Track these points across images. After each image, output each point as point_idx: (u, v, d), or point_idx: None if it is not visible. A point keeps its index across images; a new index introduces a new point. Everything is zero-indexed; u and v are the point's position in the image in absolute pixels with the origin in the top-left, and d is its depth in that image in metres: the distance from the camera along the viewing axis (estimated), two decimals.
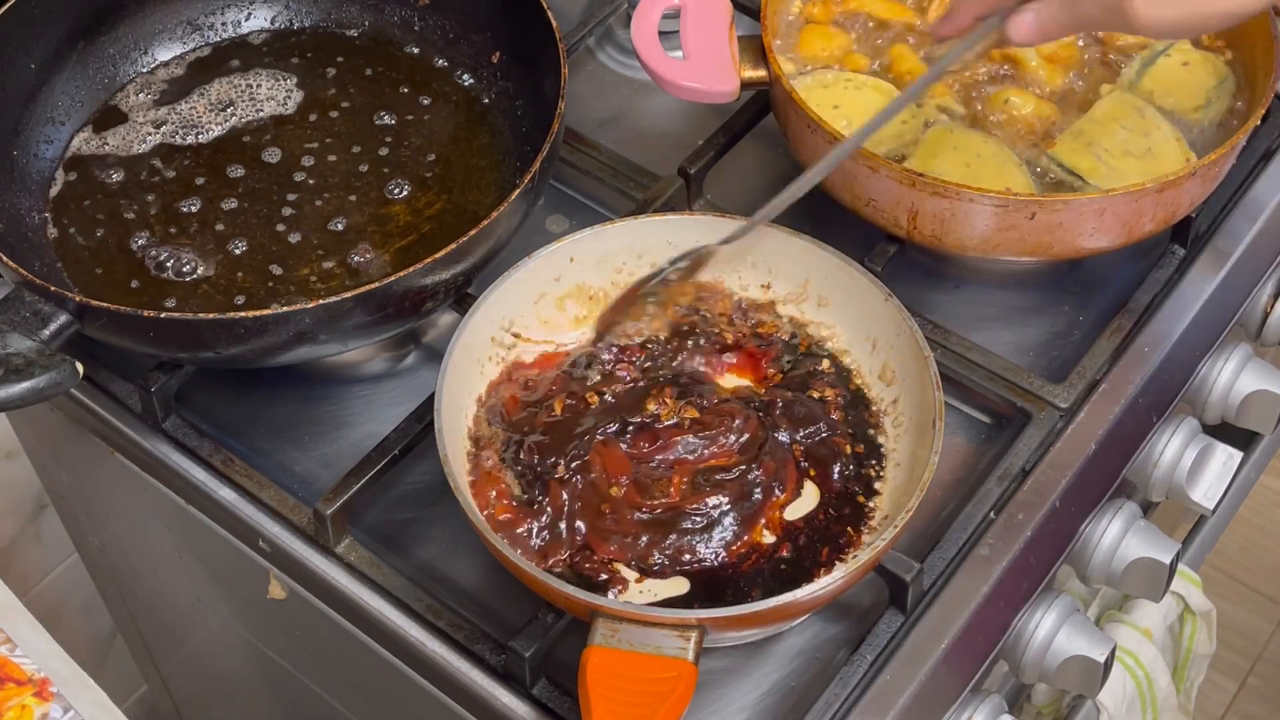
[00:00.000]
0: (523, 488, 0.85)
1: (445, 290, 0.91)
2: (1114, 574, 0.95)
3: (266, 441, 0.96)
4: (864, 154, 0.93)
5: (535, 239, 0.99)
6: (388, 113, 1.07)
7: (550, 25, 0.99)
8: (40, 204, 1.01)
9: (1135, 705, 1.06)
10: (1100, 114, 1.00)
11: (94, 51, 1.07)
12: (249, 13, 1.12)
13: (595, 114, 1.14)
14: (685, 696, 0.74)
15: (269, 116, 1.07)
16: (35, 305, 0.86)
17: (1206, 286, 1.01)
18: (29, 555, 1.30)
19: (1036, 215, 0.91)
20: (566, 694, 0.83)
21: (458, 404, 0.88)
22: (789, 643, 0.86)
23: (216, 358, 0.89)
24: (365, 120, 1.06)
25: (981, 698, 0.88)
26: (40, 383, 0.83)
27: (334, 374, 0.99)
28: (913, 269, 1.01)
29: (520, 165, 1.02)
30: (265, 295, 0.96)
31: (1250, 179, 1.07)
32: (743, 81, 1.01)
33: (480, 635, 0.86)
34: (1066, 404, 0.94)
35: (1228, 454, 1.00)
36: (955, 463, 0.94)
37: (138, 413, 0.96)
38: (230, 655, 1.16)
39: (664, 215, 0.95)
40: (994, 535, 0.88)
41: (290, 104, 1.07)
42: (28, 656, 0.78)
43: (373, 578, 0.88)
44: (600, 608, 0.77)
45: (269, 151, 1.04)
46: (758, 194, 1.08)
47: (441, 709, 0.88)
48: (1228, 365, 1.03)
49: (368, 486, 0.89)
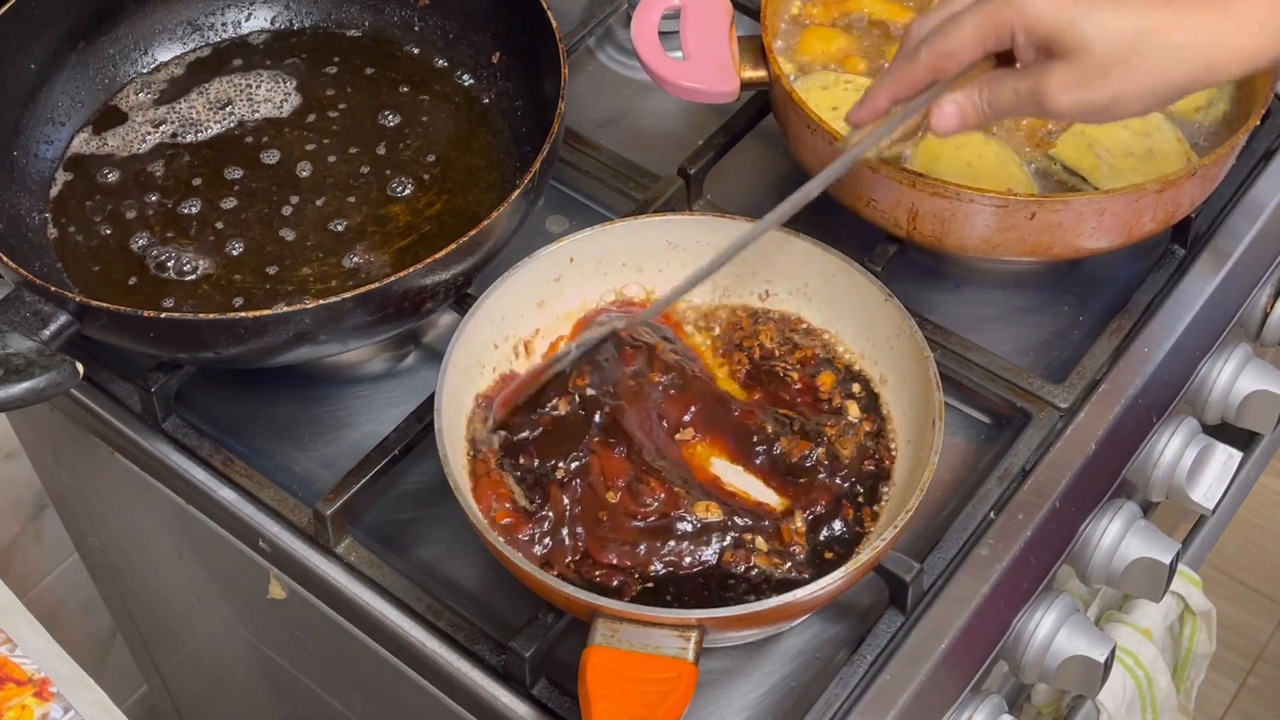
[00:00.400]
0: (524, 492, 0.85)
1: (445, 290, 0.91)
2: (1114, 574, 0.95)
3: (266, 441, 0.96)
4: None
5: (535, 239, 0.99)
6: (388, 113, 1.07)
7: (550, 25, 0.99)
8: (40, 204, 1.01)
9: (1135, 705, 1.06)
10: None
11: (94, 51, 1.07)
12: (249, 13, 1.12)
13: (595, 114, 1.14)
14: (685, 696, 0.74)
15: (269, 117, 1.07)
16: (35, 305, 0.86)
17: (1206, 287, 1.01)
18: (29, 555, 1.30)
19: (1036, 215, 0.91)
20: (566, 694, 0.83)
21: (458, 404, 0.88)
22: (789, 643, 0.86)
23: (216, 358, 0.89)
24: (365, 120, 1.06)
25: (981, 698, 0.88)
26: (40, 383, 0.84)
27: (334, 374, 0.99)
28: (913, 269, 1.01)
29: (520, 165, 1.02)
30: (265, 295, 0.96)
31: (1250, 179, 1.07)
32: (743, 82, 1.01)
33: (480, 635, 0.86)
34: (1066, 404, 0.94)
35: (1228, 454, 1.00)
36: (955, 463, 0.94)
37: (138, 413, 0.96)
38: (230, 655, 1.16)
39: (664, 215, 0.95)
40: (994, 535, 0.88)
41: (290, 104, 1.07)
42: (28, 656, 0.78)
43: (373, 578, 0.88)
44: (600, 608, 0.77)
45: (269, 152, 1.04)
46: (758, 194, 1.08)
47: (441, 709, 0.88)
48: (1228, 365, 1.03)
49: (368, 486, 0.89)
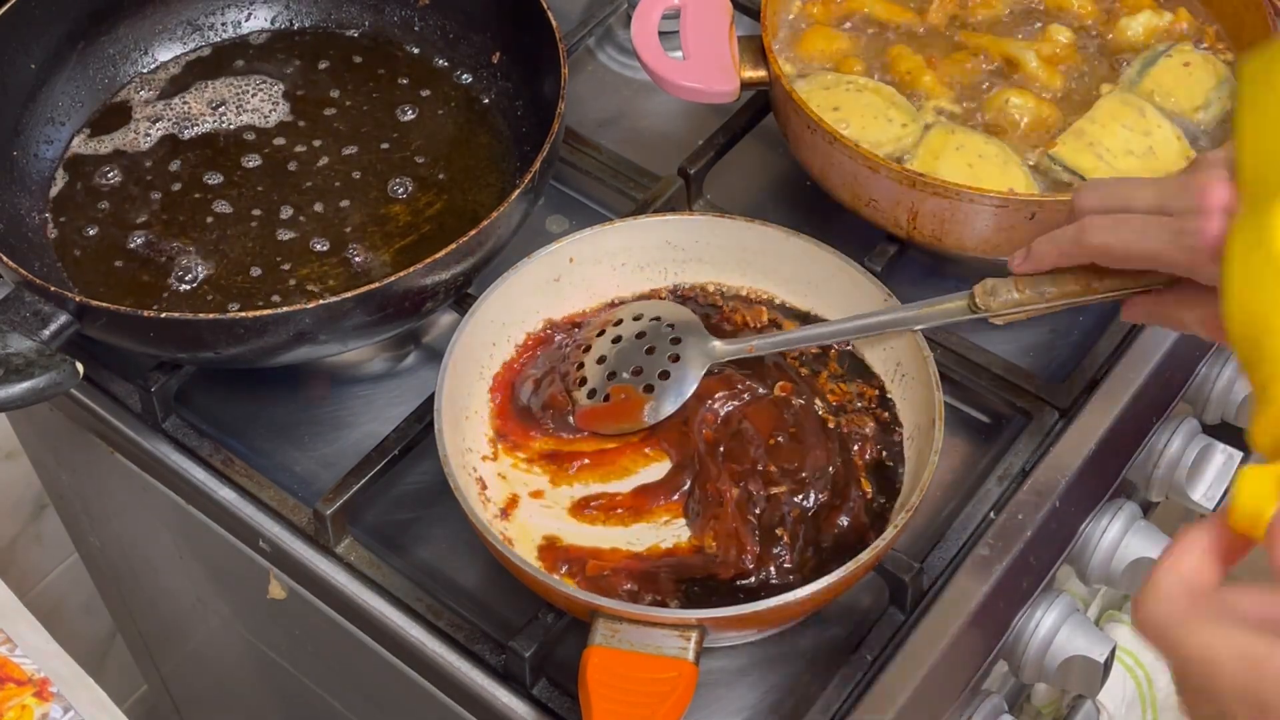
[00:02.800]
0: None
1: (445, 290, 0.91)
2: (1114, 574, 0.95)
3: (266, 441, 0.96)
4: (864, 154, 0.93)
5: (535, 239, 0.99)
6: (388, 113, 1.07)
7: (550, 25, 0.99)
8: (40, 204, 1.01)
9: (1135, 705, 1.06)
10: (1101, 114, 1.00)
11: (94, 51, 1.07)
12: (249, 13, 1.12)
13: (595, 114, 1.14)
14: (685, 696, 0.74)
15: (268, 117, 1.07)
16: (35, 305, 0.86)
17: None
18: (29, 555, 1.30)
19: (1036, 215, 0.91)
20: (566, 694, 0.83)
21: (458, 404, 0.88)
22: (789, 643, 0.86)
23: (216, 358, 0.89)
24: (365, 120, 1.06)
25: (981, 698, 0.88)
26: (40, 383, 0.84)
27: (334, 374, 0.99)
28: (913, 269, 1.01)
29: (520, 165, 1.02)
30: (265, 295, 0.96)
31: None
32: (743, 82, 1.01)
33: (480, 635, 0.85)
34: (1066, 404, 0.94)
35: (1228, 454, 1.00)
36: (955, 463, 0.94)
37: (138, 413, 0.96)
38: (230, 655, 1.16)
39: (664, 215, 0.95)
40: (994, 535, 0.88)
41: (290, 104, 1.07)
42: (28, 656, 0.78)
43: (373, 578, 0.88)
44: (600, 608, 0.77)
45: (268, 152, 1.04)
46: (757, 194, 1.08)
47: (441, 709, 0.88)
48: (1228, 365, 1.03)
49: (368, 486, 0.89)
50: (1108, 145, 0.98)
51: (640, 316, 0.93)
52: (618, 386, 0.90)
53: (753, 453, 0.87)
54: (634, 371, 0.90)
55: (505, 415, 0.91)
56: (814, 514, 0.85)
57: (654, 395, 0.89)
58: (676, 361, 0.90)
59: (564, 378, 0.91)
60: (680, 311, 0.93)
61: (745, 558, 0.83)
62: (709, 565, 0.83)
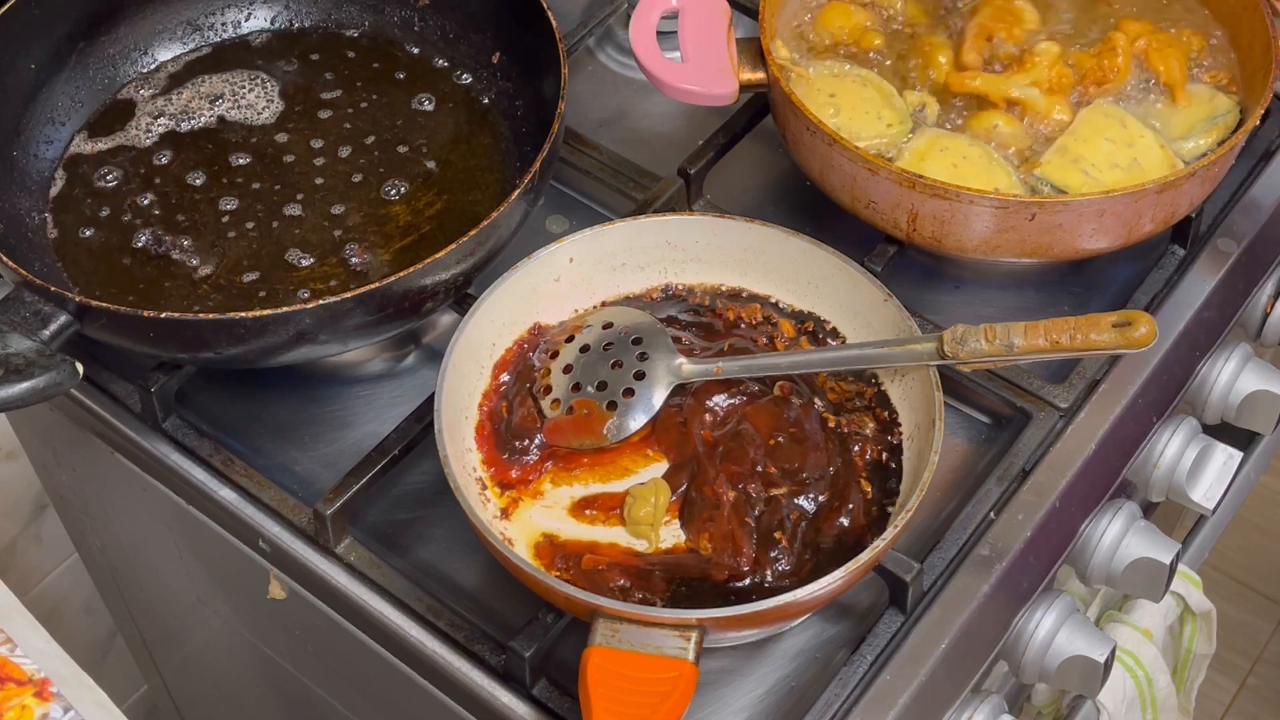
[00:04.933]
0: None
1: (445, 290, 0.91)
2: (1114, 574, 0.95)
3: (266, 442, 0.96)
4: (864, 156, 0.93)
5: (535, 239, 0.99)
6: (387, 113, 1.07)
7: (550, 25, 0.99)
8: (40, 204, 1.01)
9: (1135, 705, 1.06)
10: (1083, 128, 0.99)
11: (94, 52, 1.07)
12: (249, 13, 1.12)
13: (595, 114, 1.14)
14: (685, 696, 0.74)
15: (269, 117, 1.07)
16: (35, 305, 0.86)
17: (1206, 286, 1.01)
18: (29, 555, 1.30)
19: (1036, 216, 0.91)
20: (566, 694, 0.83)
21: (458, 404, 0.88)
22: (789, 643, 0.86)
23: (216, 358, 0.89)
24: (365, 120, 1.06)
25: (981, 698, 0.88)
26: (40, 383, 0.84)
27: (334, 374, 0.99)
28: (913, 269, 1.01)
29: (520, 165, 1.02)
30: (265, 295, 0.96)
31: (1250, 179, 1.07)
32: (741, 84, 1.00)
33: (480, 635, 0.86)
34: (1066, 404, 0.94)
35: (1228, 454, 1.00)
36: (955, 463, 0.94)
37: (138, 413, 0.96)
38: (230, 655, 1.16)
39: (664, 215, 0.95)
40: (994, 535, 0.88)
41: (290, 104, 1.07)
42: (28, 656, 0.78)
43: (373, 578, 0.88)
44: (600, 608, 0.77)
45: (269, 152, 1.04)
46: (757, 194, 1.08)
47: (441, 709, 0.88)
48: (1228, 365, 1.03)
49: (368, 486, 0.89)
50: (1092, 160, 0.97)
51: (610, 325, 0.92)
52: (581, 400, 0.89)
53: (752, 454, 0.87)
54: (598, 386, 0.90)
55: (488, 446, 0.90)
56: (814, 515, 0.85)
57: (616, 413, 0.89)
58: (642, 379, 0.90)
59: (531, 386, 0.90)
60: (650, 324, 0.92)
61: (741, 561, 0.83)
62: (704, 567, 0.83)
